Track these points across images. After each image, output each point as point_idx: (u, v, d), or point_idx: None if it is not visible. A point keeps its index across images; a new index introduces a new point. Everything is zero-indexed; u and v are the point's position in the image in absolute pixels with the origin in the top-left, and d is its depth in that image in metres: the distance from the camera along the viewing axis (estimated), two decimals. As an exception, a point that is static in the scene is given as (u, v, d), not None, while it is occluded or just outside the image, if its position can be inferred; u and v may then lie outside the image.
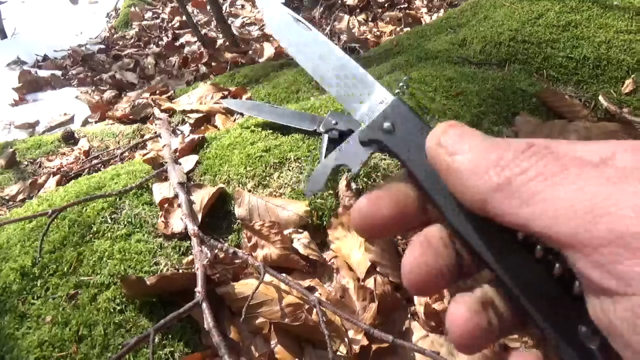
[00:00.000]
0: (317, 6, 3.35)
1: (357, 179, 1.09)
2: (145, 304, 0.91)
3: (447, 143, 0.28)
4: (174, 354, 0.84)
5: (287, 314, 0.88)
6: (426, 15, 3.05)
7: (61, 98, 2.51)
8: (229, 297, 0.90)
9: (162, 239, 1.02)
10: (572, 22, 1.76)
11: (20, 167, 1.62)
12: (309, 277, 0.97)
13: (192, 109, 1.74)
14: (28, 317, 0.91)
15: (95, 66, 3.16)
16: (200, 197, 1.07)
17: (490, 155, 0.25)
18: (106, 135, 1.74)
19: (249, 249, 0.98)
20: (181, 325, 0.88)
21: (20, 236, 1.04)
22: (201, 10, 3.72)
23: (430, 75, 1.48)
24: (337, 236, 1.01)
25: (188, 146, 1.29)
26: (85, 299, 0.91)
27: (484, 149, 0.26)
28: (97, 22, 4.10)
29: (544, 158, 0.24)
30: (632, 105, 1.53)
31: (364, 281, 0.94)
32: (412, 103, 1.30)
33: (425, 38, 1.98)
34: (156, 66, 2.95)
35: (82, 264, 0.98)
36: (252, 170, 1.14)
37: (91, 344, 0.86)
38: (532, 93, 1.50)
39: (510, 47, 1.72)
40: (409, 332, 0.88)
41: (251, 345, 0.86)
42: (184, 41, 3.30)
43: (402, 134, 0.32)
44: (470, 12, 2.02)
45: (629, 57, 1.64)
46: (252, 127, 1.31)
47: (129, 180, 1.17)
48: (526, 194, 0.23)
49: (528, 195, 0.23)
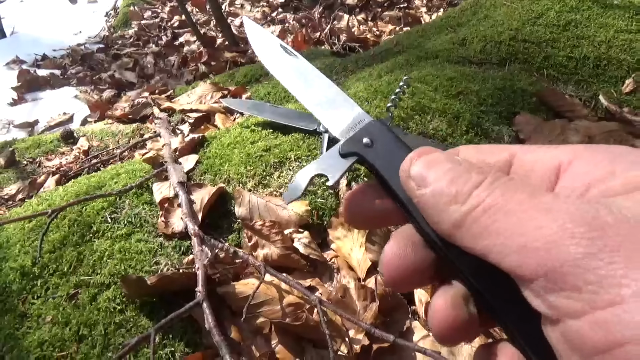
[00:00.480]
0: (316, 5, 3.35)
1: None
2: (145, 303, 0.90)
3: (415, 174, 0.30)
4: (175, 353, 0.84)
5: (287, 314, 0.87)
6: (426, 14, 3.05)
7: (60, 97, 2.51)
8: (229, 296, 0.90)
9: (162, 238, 1.02)
10: (572, 21, 1.76)
11: (19, 167, 1.62)
12: (309, 276, 0.96)
13: (192, 108, 1.74)
14: (28, 317, 0.90)
15: (94, 65, 3.15)
16: (201, 197, 1.06)
17: (451, 189, 0.27)
18: (105, 135, 1.74)
19: (249, 248, 0.98)
20: (182, 325, 0.87)
21: (20, 236, 1.04)
22: (200, 10, 3.72)
23: (430, 75, 1.48)
24: (338, 236, 1.01)
25: (188, 145, 1.28)
26: (85, 298, 0.91)
27: (447, 183, 0.27)
28: (96, 21, 4.09)
29: (495, 190, 0.26)
30: (632, 104, 1.53)
31: (364, 281, 0.94)
32: (413, 102, 1.30)
33: (425, 37, 1.98)
34: (155, 65, 2.94)
35: (82, 264, 0.97)
36: (252, 169, 1.13)
37: (91, 344, 0.85)
38: (532, 92, 1.50)
39: (511, 47, 1.72)
40: (410, 331, 0.88)
41: (252, 345, 0.85)
42: (184, 40, 3.30)
43: (380, 149, 0.35)
44: (470, 12, 2.01)
45: (629, 56, 1.64)
46: (252, 126, 1.30)
47: (129, 179, 1.17)
48: (479, 230, 0.25)
49: (480, 230, 0.25)
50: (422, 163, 0.30)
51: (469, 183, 0.27)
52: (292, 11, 3.46)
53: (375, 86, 1.41)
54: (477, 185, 0.26)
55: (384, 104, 1.30)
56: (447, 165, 0.29)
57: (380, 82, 1.45)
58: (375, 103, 1.31)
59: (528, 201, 0.24)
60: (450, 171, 0.28)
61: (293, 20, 3.22)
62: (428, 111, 1.29)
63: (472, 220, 0.26)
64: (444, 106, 1.32)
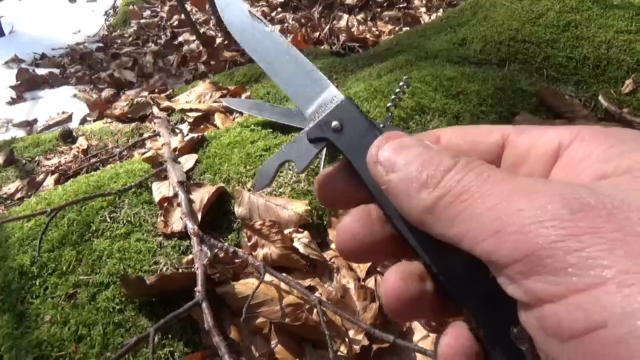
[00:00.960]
0: (316, 5, 3.34)
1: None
2: (144, 303, 0.90)
3: (384, 159, 0.28)
4: (174, 353, 0.84)
5: (287, 314, 0.87)
6: (425, 14, 3.05)
7: (59, 96, 2.50)
8: (229, 296, 0.89)
9: (161, 238, 1.02)
10: (572, 22, 1.76)
11: (18, 166, 1.62)
12: (309, 276, 0.96)
13: (191, 108, 1.73)
14: (27, 317, 0.90)
15: (93, 64, 3.15)
16: (200, 196, 1.06)
17: (422, 174, 0.26)
18: (105, 134, 1.73)
19: (249, 248, 0.98)
20: (181, 325, 0.87)
21: (18, 235, 1.04)
22: (200, 9, 3.71)
23: (430, 75, 1.48)
24: (338, 236, 1.01)
25: (187, 145, 1.28)
26: (84, 298, 0.91)
27: (418, 167, 0.26)
28: (95, 20, 4.09)
29: (468, 173, 0.25)
30: (632, 105, 1.53)
31: (364, 281, 0.94)
32: (413, 102, 1.30)
33: (425, 37, 1.98)
34: (155, 65, 2.94)
35: (81, 263, 0.97)
36: (252, 169, 1.13)
37: (90, 344, 0.85)
38: (532, 93, 1.50)
39: (511, 47, 1.72)
40: (409, 332, 0.88)
41: (251, 345, 0.85)
42: (183, 40, 3.29)
43: (349, 133, 0.33)
44: (470, 12, 2.01)
45: (628, 57, 1.64)
46: (252, 126, 1.30)
47: (128, 179, 1.17)
48: (451, 215, 0.24)
49: (452, 217, 0.24)
50: (391, 147, 0.28)
51: (440, 167, 0.26)
52: (291, 11, 3.46)
53: (375, 86, 1.41)
54: (449, 170, 0.25)
55: (384, 103, 1.30)
56: (417, 149, 0.27)
57: (380, 82, 1.45)
58: (375, 103, 1.31)
59: (504, 184, 0.23)
60: (420, 155, 0.27)
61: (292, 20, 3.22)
62: (428, 111, 1.29)
63: (444, 206, 0.24)
64: (444, 106, 1.31)
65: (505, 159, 0.30)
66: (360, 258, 0.32)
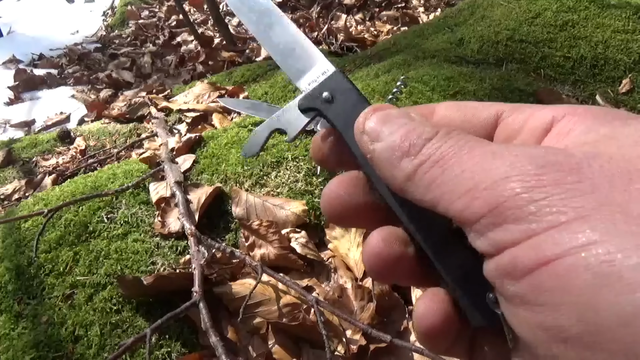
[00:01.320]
0: (314, 5, 3.34)
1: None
2: (142, 304, 0.90)
3: (370, 129, 0.30)
4: (171, 354, 0.84)
5: (284, 314, 0.87)
6: (423, 14, 3.05)
7: (57, 97, 2.50)
8: (226, 297, 0.89)
9: (159, 238, 1.02)
10: (569, 21, 1.76)
11: (16, 166, 1.61)
12: (306, 276, 0.96)
13: (189, 108, 1.73)
14: (24, 317, 0.90)
15: (91, 65, 3.14)
16: (197, 197, 1.06)
17: (404, 144, 0.27)
18: (102, 134, 1.73)
19: (246, 248, 0.98)
20: (178, 325, 0.87)
21: (15, 235, 1.04)
22: (198, 9, 3.71)
23: (428, 75, 1.48)
24: (335, 235, 1.01)
25: (185, 145, 1.28)
26: (81, 298, 0.91)
27: (401, 136, 0.28)
28: (93, 20, 4.08)
29: (447, 141, 0.26)
30: (629, 104, 1.53)
31: (362, 281, 0.94)
32: (410, 102, 1.30)
33: (422, 37, 1.98)
34: (153, 65, 2.93)
35: (78, 264, 0.97)
36: (249, 169, 1.13)
37: (87, 344, 0.85)
38: (529, 92, 1.50)
39: (508, 47, 1.73)
40: (407, 331, 0.88)
41: (249, 345, 0.85)
42: (181, 40, 3.29)
43: (340, 104, 0.34)
44: (467, 12, 2.01)
45: (626, 56, 1.64)
46: (250, 126, 1.30)
47: (126, 179, 1.17)
48: (429, 180, 0.25)
49: (430, 182, 0.25)
50: (377, 118, 0.30)
51: (422, 137, 0.27)
52: (289, 11, 3.46)
53: (373, 86, 1.41)
54: (430, 139, 0.26)
55: (382, 103, 1.30)
56: (401, 120, 0.29)
57: (378, 81, 1.45)
58: (373, 102, 1.31)
59: (478, 149, 0.25)
60: (404, 126, 0.28)
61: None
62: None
63: (422, 172, 0.26)
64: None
65: (498, 135, 0.31)
66: (342, 221, 0.34)
